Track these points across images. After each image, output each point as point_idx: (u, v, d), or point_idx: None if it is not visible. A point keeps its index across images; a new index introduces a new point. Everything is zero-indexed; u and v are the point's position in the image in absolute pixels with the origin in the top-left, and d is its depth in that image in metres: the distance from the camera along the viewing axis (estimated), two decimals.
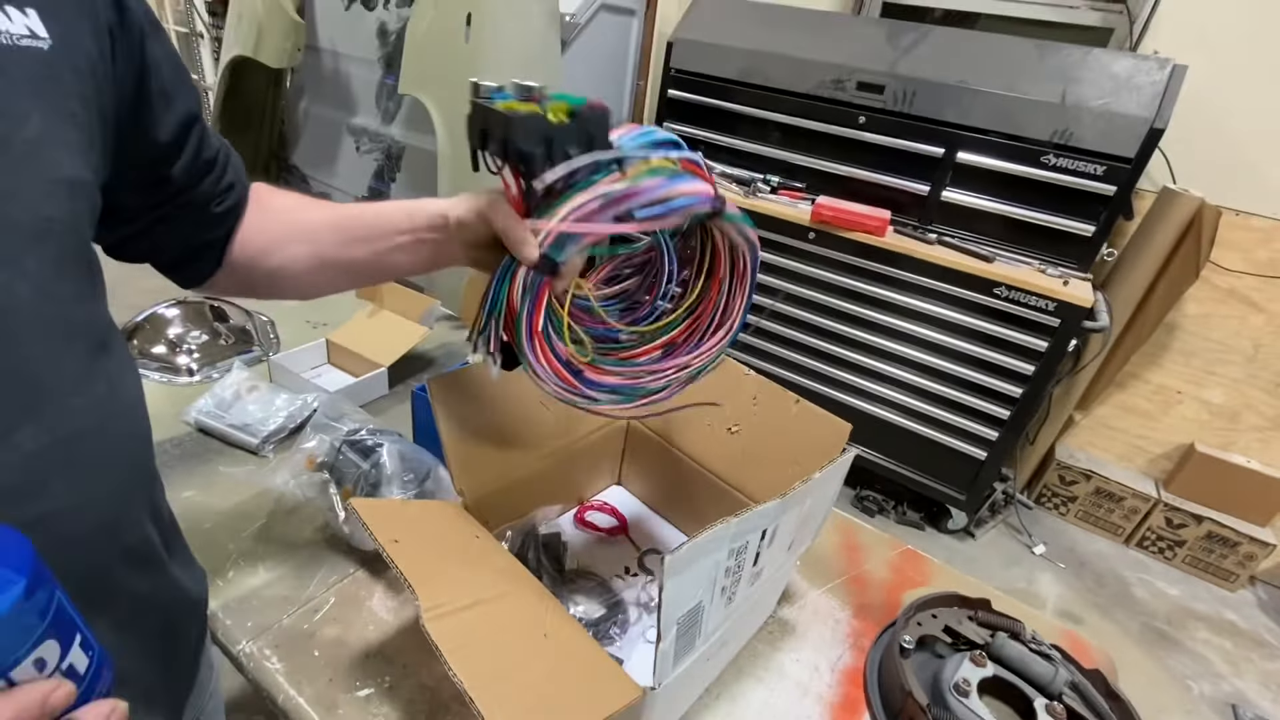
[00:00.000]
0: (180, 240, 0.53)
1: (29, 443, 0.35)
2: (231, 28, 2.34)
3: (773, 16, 2.12)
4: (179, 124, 0.48)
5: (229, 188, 0.54)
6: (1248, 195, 1.91)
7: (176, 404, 0.95)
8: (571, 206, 0.48)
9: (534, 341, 0.51)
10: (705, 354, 0.60)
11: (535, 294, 0.50)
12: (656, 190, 0.49)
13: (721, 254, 0.59)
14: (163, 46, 0.45)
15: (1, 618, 0.25)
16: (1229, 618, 2.00)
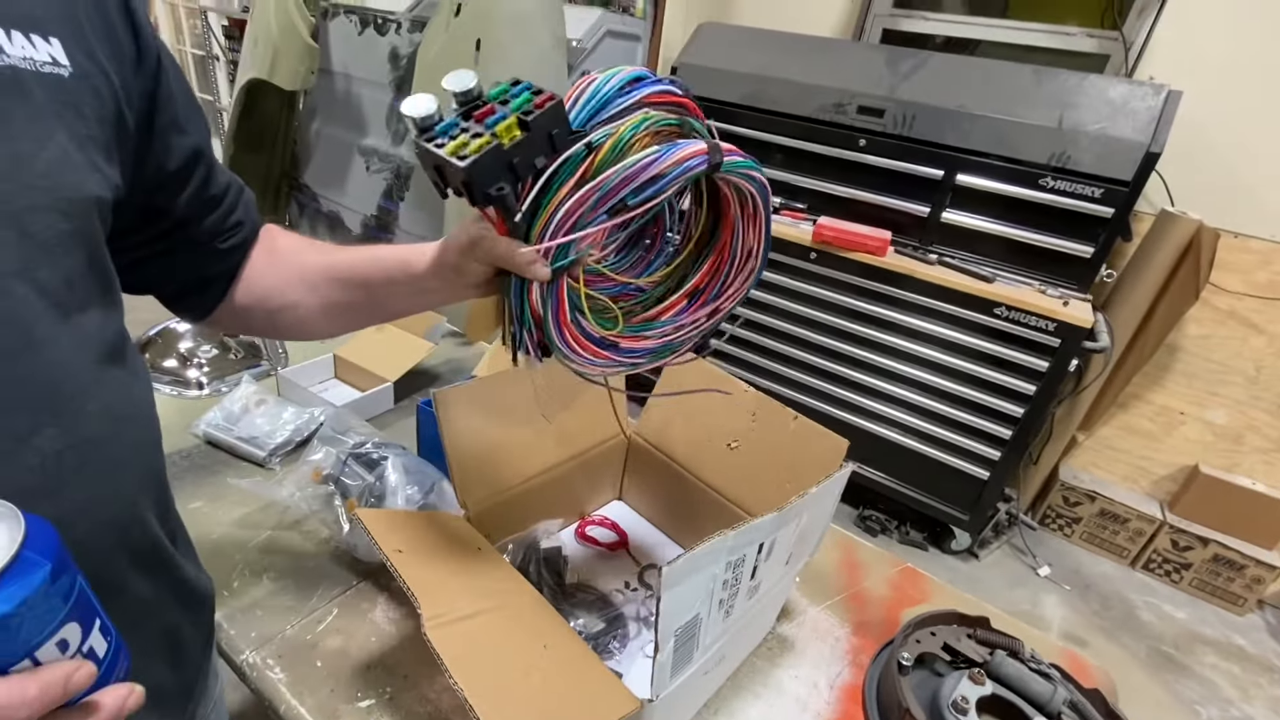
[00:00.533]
0: (182, 273, 0.54)
1: (49, 445, 0.37)
2: (247, 51, 2.41)
3: (774, 42, 2.17)
4: (187, 156, 0.49)
5: (236, 225, 0.55)
6: (1246, 218, 1.93)
7: (186, 416, 0.97)
8: (561, 217, 0.46)
9: (564, 333, 0.51)
10: (733, 295, 0.59)
11: (555, 297, 0.49)
12: (644, 171, 0.46)
13: (730, 197, 0.56)
14: (178, 81, 0.47)
15: (29, 599, 0.27)
16: (1237, 642, 1.98)
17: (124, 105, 0.42)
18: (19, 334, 0.36)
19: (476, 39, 1.74)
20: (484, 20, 1.75)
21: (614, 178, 0.45)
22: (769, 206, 0.57)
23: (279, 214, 2.91)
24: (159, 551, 0.49)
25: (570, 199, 0.46)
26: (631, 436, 0.88)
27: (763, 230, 0.57)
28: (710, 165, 0.48)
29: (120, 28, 0.42)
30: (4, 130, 0.35)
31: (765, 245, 0.58)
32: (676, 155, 0.47)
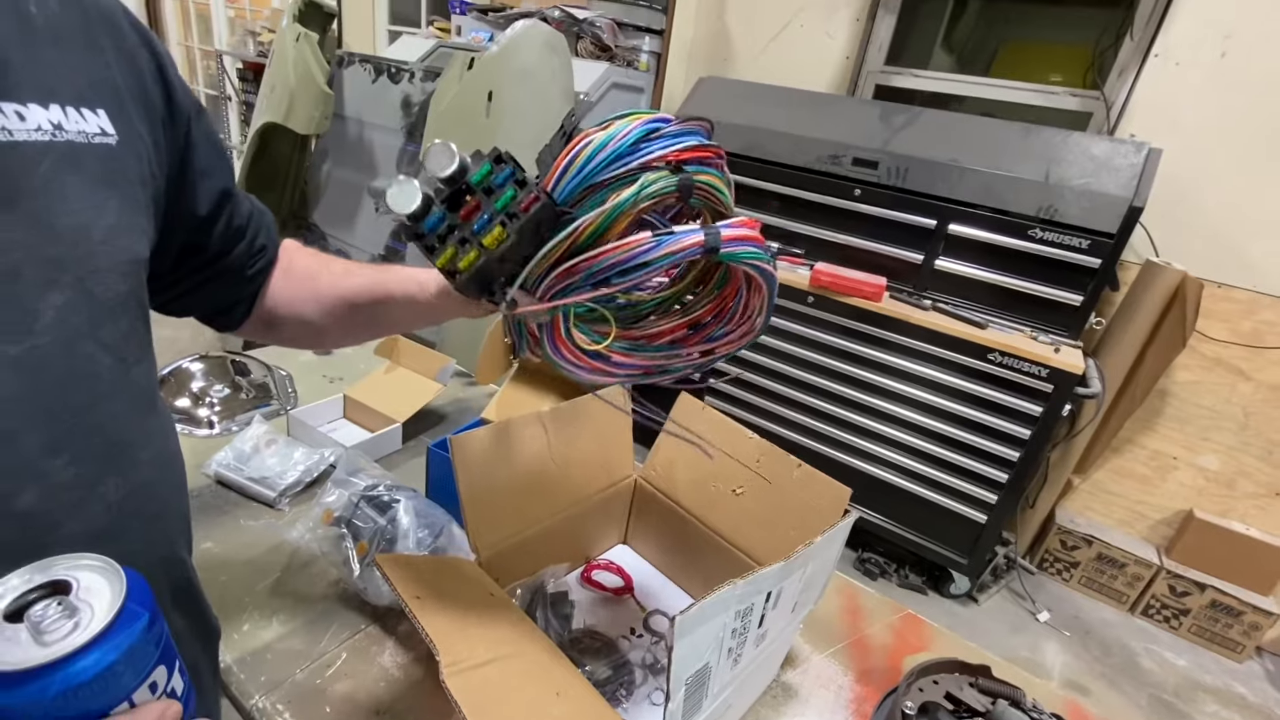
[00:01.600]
0: (217, 298, 0.59)
1: (113, 492, 0.40)
2: (264, 96, 2.49)
3: (772, 96, 2.26)
4: (215, 198, 0.53)
5: (261, 250, 0.60)
6: (1229, 269, 1.99)
7: (198, 456, 0.98)
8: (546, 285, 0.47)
9: (560, 349, 0.53)
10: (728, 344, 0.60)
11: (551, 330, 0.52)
12: (631, 259, 0.46)
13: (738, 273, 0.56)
14: (204, 128, 0.51)
15: (132, 647, 0.30)
16: (1238, 690, 1.96)
17: (157, 165, 0.46)
18: (89, 389, 0.39)
19: (488, 91, 1.82)
20: (495, 74, 1.83)
21: (598, 264, 0.46)
22: (773, 292, 0.56)
23: None
24: (191, 588, 0.52)
25: (553, 274, 0.47)
26: (638, 480, 0.90)
27: (765, 301, 0.57)
28: (710, 249, 0.48)
29: (154, 92, 0.46)
30: (68, 203, 0.38)
31: (765, 316, 0.58)
32: (670, 247, 0.46)
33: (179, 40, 5.07)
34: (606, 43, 2.49)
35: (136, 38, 0.45)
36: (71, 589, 0.30)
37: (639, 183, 0.46)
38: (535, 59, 1.82)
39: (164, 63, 0.47)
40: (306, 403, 1.15)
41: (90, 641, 0.28)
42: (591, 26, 2.45)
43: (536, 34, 1.86)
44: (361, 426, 1.14)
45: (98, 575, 0.31)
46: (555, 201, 0.47)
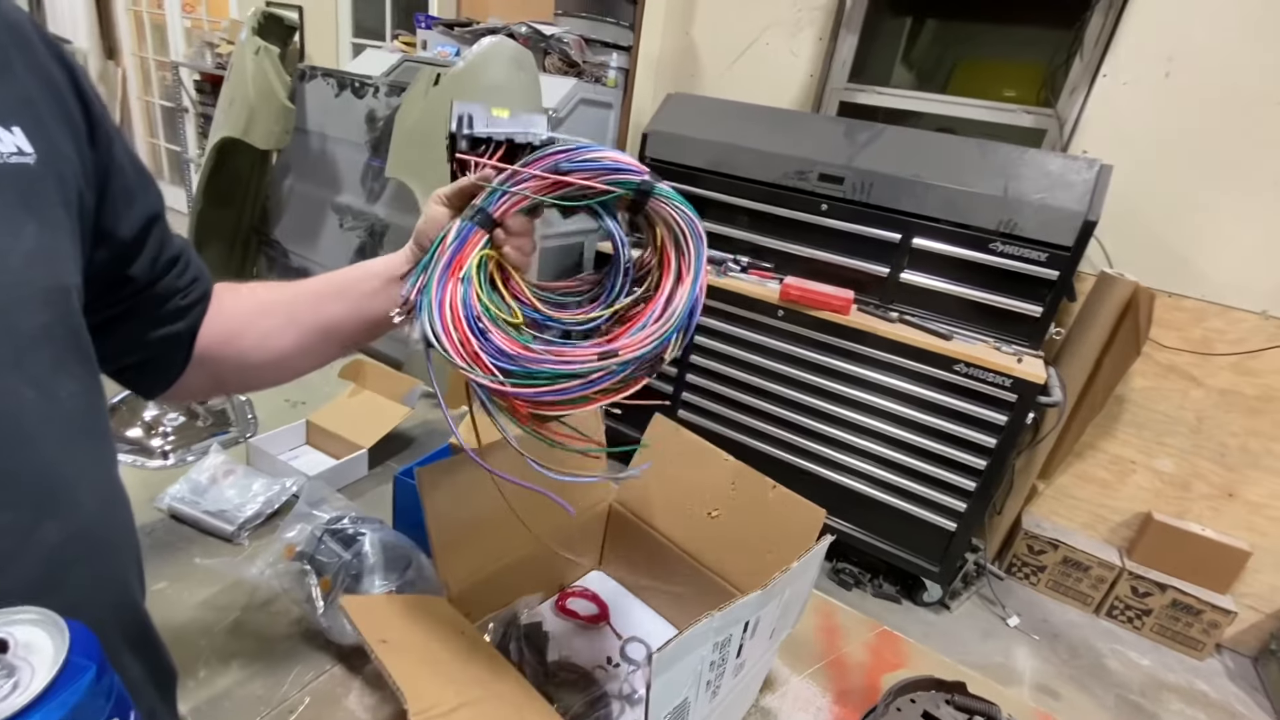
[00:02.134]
0: (143, 337, 0.52)
1: (51, 537, 0.37)
2: (222, 110, 2.43)
3: (739, 112, 2.29)
4: (141, 222, 0.49)
5: (193, 281, 0.54)
6: (1178, 279, 2.08)
7: (150, 489, 0.94)
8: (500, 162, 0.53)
9: (445, 283, 0.49)
10: (636, 345, 0.51)
11: (464, 240, 0.51)
12: (584, 151, 0.52)
13: (668, 255, 0.56)
14: (126, 149, 0.48)
15: (79, 704, 0.28)
16: (1200, 688, 2.02)
17: (83, 184, 0.43)
18: (12, 427, 0.36)
19: None
20: (462, 90, 1.82)
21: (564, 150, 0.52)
22: (701, 257, 0.55)
23: (247, 268, 2.88)
24: (146, 632, 0.48)
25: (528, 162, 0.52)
26: (612, 505, 0.89)
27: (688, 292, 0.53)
28: (645, 182, 0.53)
29: (73, 105, 0.43)
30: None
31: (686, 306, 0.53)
32: (622, 156, 0.53)
33: (133, 50, 4.93)
34: (574, 59, 2.49)
35: (47, 51, 0.42)
36: (8, 647, 0.28)
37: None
38: (503, 75, 1.82)
39: (78, 76, 0.43)
40: (267, 429, 1.11)
41: (32, 703, 0.26)
42: (559, 43, 2.46)
43: (504, 50, 1.85)
44: (325, 453, 1.11)
45: (37, 629, 0.29)
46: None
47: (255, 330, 0.57)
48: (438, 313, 0.49)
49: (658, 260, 0.57)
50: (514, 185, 0.52)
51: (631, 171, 0.53)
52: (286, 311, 0.57)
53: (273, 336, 0.57)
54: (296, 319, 0.58)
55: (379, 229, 2.36)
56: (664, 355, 0.53)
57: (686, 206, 0.56)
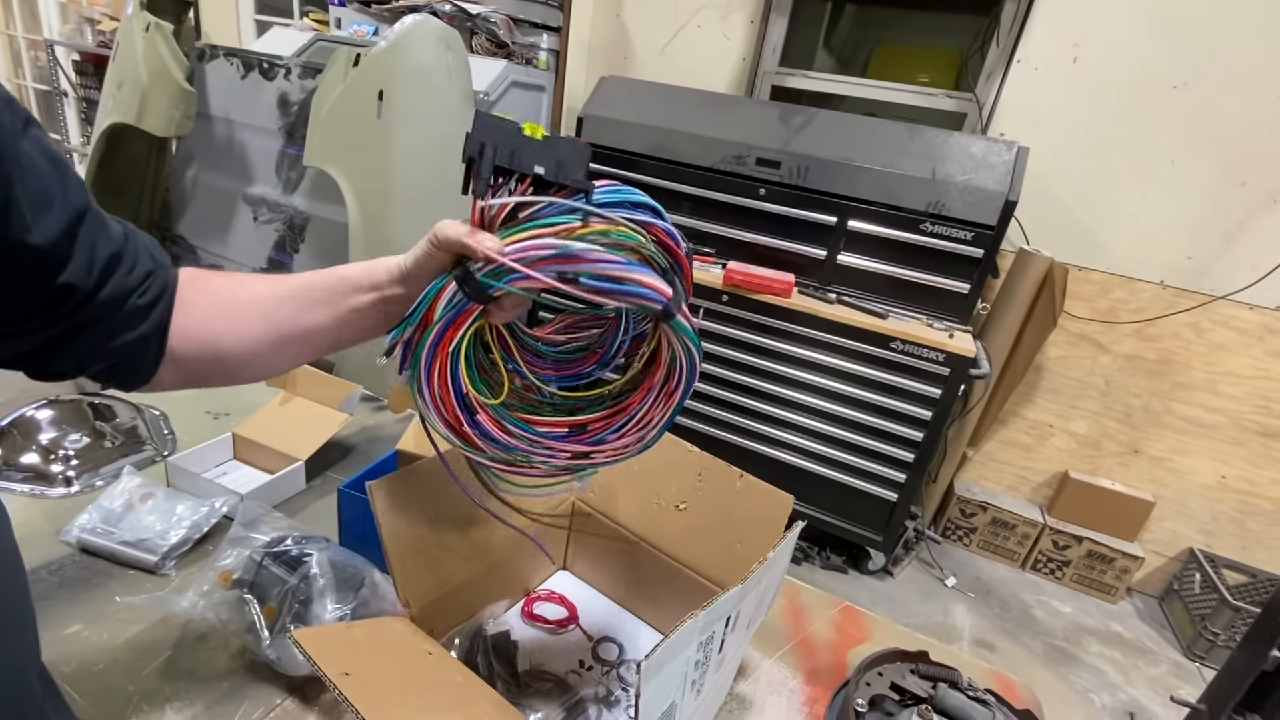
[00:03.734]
0: (106, 345, 0.47)
1: None
2: (110, 94, 2.19)
3: (675, 96, 2.27)
4: (63, 225, 0.43)
5: (147, 275, 0.49)
6: (1087, 253, 2.23)
7: (53, 521, 0.84)
8: (520, 242, 0.46)
9: (435, 358, 0.48)
10: (607, 454, 0.56)
11: (458, 313, 0.48)
12: (611, 267, 0.47)
13: (661, 360, 0.56)
14: (36, 144, 0.41)
15: None
16: (1115, 629, 2.21)
17: None
18: None
19: (379, 90, 1.69)
20: (386, 71, 1.71)
21: (586, 251, 0.46)
22: (688, 390, 0.57)
23: None
24: (42, 713, 0.42)
25: (543, 238, 0.46)
26: (575, 503, 0.86)
27: (668, 413, 0.57)
28: (664, 310, 0.50)
29: None
30: None
31: (664, 426, 0.57)
32: (642, 276, 0.48)
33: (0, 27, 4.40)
34: (503, 39, 2.40)
35: None
36: None
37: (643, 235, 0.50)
38: (430, 55, 1.72)
39: None
40: (188, 446, 1.01)
41: None
42: (486, 22, 2.36)
43: (429, 29, 1.75)
44: (257, 468, 1.02)
45: None
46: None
47: (233, 335, 0.53)
48: (427, 389, 0.49)
49: (648, 361, 0.58)
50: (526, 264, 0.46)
51: (655, 300, 0.49)
52: (267, 315, 0.53)
53: (252, 340, 0.53)
54: (278, 326, 0.54)
55: (299, 221, 2.21)
56: None
57: (693, 342, 0.54)
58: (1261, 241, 2.03)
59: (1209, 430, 2.22)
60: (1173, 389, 2.23)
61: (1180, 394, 2.23)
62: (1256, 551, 2.25)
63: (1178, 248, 2.14)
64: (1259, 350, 2.11)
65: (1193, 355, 2.19)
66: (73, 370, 0.48)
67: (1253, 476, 2.20)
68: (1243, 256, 2.07)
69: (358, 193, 1.73)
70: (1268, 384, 2.12)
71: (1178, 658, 2.12)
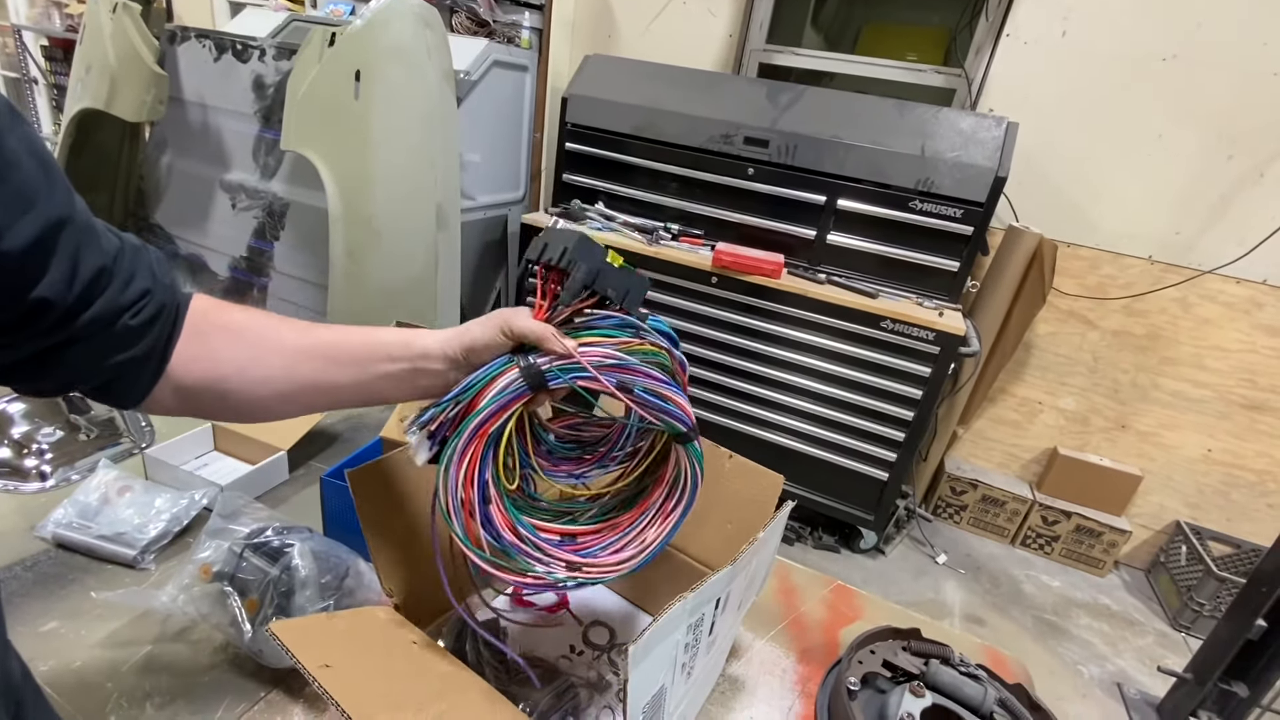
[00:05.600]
0: (97, 364, 0.45)
1: None
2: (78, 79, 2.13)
3: (661, 75, 2.23)
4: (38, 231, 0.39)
5: (143, 295, 0.45)
6: (1076, 229, 2.22)
7: (28, 517, 0.82)
8: (595, 346, 0.51)
9: (472, 443, 0.50)
10: (598, 569, 0.57)
11: (509, 399, 0.50)
12: (661, 387, 0.53)
13: (664, 478, 0.60)
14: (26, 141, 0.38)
15: None
16: (1103, 602, 2.24)
17: None
18: None
19: (356, 70, 1.64)
20: (362, 51, 1.66)
21: (642, 366, 0.53)
22: (686, 511, 0.61)
23: None
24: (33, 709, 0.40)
25: (607, 348, 0.52)
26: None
27: (666, 532, 0.60)
28: (687, 432, 0.57)
29: None
30: None
31: (658, 547, 0.60)
32: (682, 401, 0.55)
33: None
34: (484, 17, 2.34)
35: None
36: None
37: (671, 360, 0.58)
38: (408, 34, 1.67)
39: None
40: (166, 438, 0.99)
41: None
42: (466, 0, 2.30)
43: (407, 7, 1.70)
44: (239, 459, 1.00)
45: None
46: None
47: (246, 378, 0.50)
48: (454, 469, 0.50)
49: (650, 471, 0.62)
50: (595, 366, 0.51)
51: (683, 422, 0.56)
52: (288, 366, 0.51)
53: (265, 387, 0.50)
54: (296, 376, 0.51)
55: (278, 208, 2.16)
56: None
57: (701, 466, 0.60)
58: (1248, 215, 2.04)
59: (1195, 404, 2.24)
60: (1160, 364, 2.25)
61: (1167, 369, 2.24)
62: (1241, 523, 2.28)
63: (1165, 223, 2.14)
64: (1245, 324, 2.12)
65: (1180, 330, 2.20)
66: (57, 388, 0.45)
67: (1237, 449, 2.23)
68: (1230, 230, 2.07)
69: (337, 177, 1.68)
70: (1253, 357, 2.14)
71: (1164, 628, 2.15)
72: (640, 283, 0.55)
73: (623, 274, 0.54)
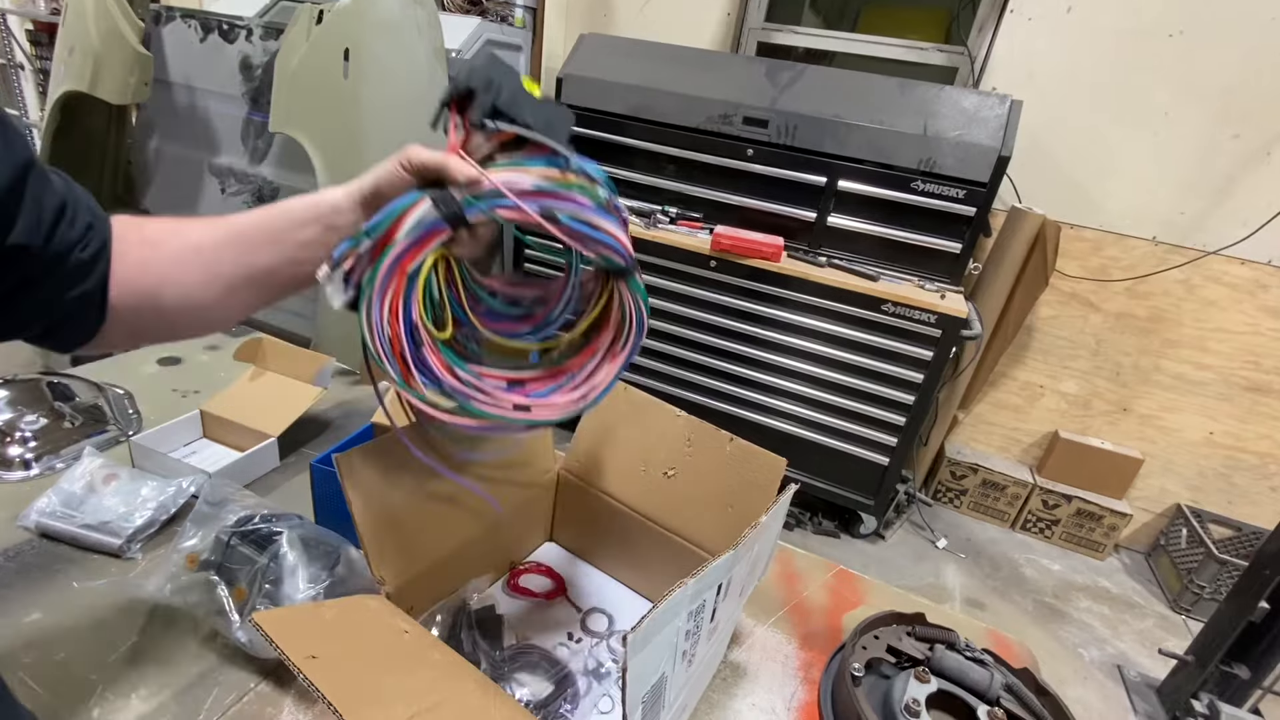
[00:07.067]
0: (48, 304, 0.45)
1: None
2: (61, 61, 2.08)
3: (658, 54, 2.18)
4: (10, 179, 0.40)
5: (88, 228, 0.45)
6: (1079, 211, 2.19)
7: (11, 506, 0.80)
8: (508, 174, 0.46)
9: (392, 278, 0.46)
10: (549, 409, 0.55)
11: (424, 233, 0.46)
12: (588, 212, 0.48)
13: (610, 320, 0.57)
14: None
15: None
16: (1103, 585, 2.23)
17: None
18: None
19: (344, 48, 1.60)
20: (351, 28, 1.62)
21: (569, 193, 0.48)
22: (635, 349, 0.58)
23: None
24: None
25: (528, 176, 0.47)
26: (560, 474, 0.83)
27: (615, 371, 0.58)
28: (626, 265, 0.52)
29: None
30: None
31: (608, 386, 0.58)
32: (616, 228, 0.50)
33: None
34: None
35: None
36: None
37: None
38: (397, 10, 1.62)
39: None
40: (154, 424, 0.97)
41: None
42: None
43: None
44: (228, 446, 0.98)
45: None
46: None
47: (175, 285, 0.49)
48: (376, 311, 0.46)
49: (596, 321, 0.58)
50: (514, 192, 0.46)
51: (621, 255, 0.51)
52: (207, 264, 0.50)
53: (196, 290, 0.50)
54: (220, 272, 0.50)
55: (268, 192, 2.12)
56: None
57: (645, 304, 0.56)
58: (1254, 195, 2.01)
59: (1197, 387, 2.22)
60: (1163, 346, 2.23)
61: (1170, 351, 2.22)
62: (1242, 506, 2.27)
63: (1170, 203, 2.10)
64: (1249, 305, 2.10)
65: (1183, 312, 2.18)
66: (14, 330, 0.45)
67: (1239, 432, 2.22)
68: (1235, 211, 2.04)
69: (327, 159, 1.65)
70: (1256, 339, 2.12)
71: (1164, 611, 2.15)
72: (563, 115, 0.51)
73: (543, 105, 0.50)
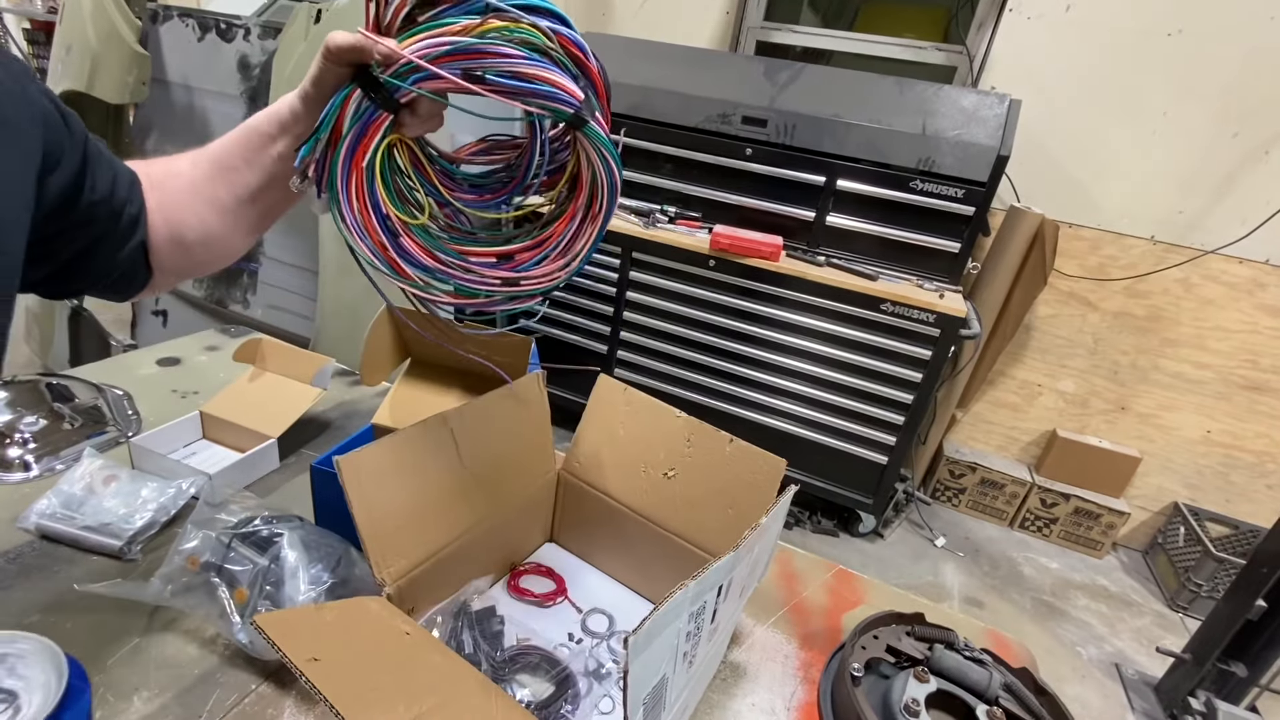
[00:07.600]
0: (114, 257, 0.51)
1: None
2: (58, 59, 2.07)
3: (657, 53, 2.18)
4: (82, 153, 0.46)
5: (131, 185, 0.51)
6: (1078, 210, 2.20)
7: (11, 507, 0.80)
8: (420, 41, 0.43)
9: (351, 175, 0.46)
10: (536, 280, 0.56)
11: (366, 122, 0.45)
12: (518, 64, 0.44)
13: (583, 183, 0.54)
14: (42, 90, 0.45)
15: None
16: (1101, 583, 2.24)
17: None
18: None
19: None
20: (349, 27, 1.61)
21: (492, 46, 0.44)
22: (612, 206, 0.55)
23: None
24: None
25: (444, 35, 0.43)
26: (561, 474, 0.83)
27: (595, 232, 0.56)
28: (575, 114, 0.47)
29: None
30: None
31: (591, 246, 0.57)
32: (552, 75, 0.45)
33: None
34: None
35: None
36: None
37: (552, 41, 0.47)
38: None
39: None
40: (153, 426, 0.97)
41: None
42: None
43: None
44: (228, 447, 0.98)
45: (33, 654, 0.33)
46: None
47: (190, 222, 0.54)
48: (348, 210, 0.47)
49: (570, 183, 0.56)
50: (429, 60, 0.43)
51: (565, 102, 0.46)
52: (209, 197, 0.54)
53: (208, 223, 0.55)
54: (217, 197, 0.54)
55: None
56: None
57: (611, 155, 0.52)
58: (1253, 194, 2.01)
59: (1195, 385, 2.23)
60: (1161, 345, 2.23)
61: (1168, 350, 2.23)
62: (1239, 504, 2.28)
63: (1168, 202, 2.11)
64: (1247, 304, 2.11)
65: (1181, 311, 2.18)
66: (89, 286, 0.52)
67: (1237, 430, 2.22)
68: (1234, 209, 2.04)
69: None
70: (1255, 338, 2.12)
71: (1162, 609, 2.16)
72: None
73: None
